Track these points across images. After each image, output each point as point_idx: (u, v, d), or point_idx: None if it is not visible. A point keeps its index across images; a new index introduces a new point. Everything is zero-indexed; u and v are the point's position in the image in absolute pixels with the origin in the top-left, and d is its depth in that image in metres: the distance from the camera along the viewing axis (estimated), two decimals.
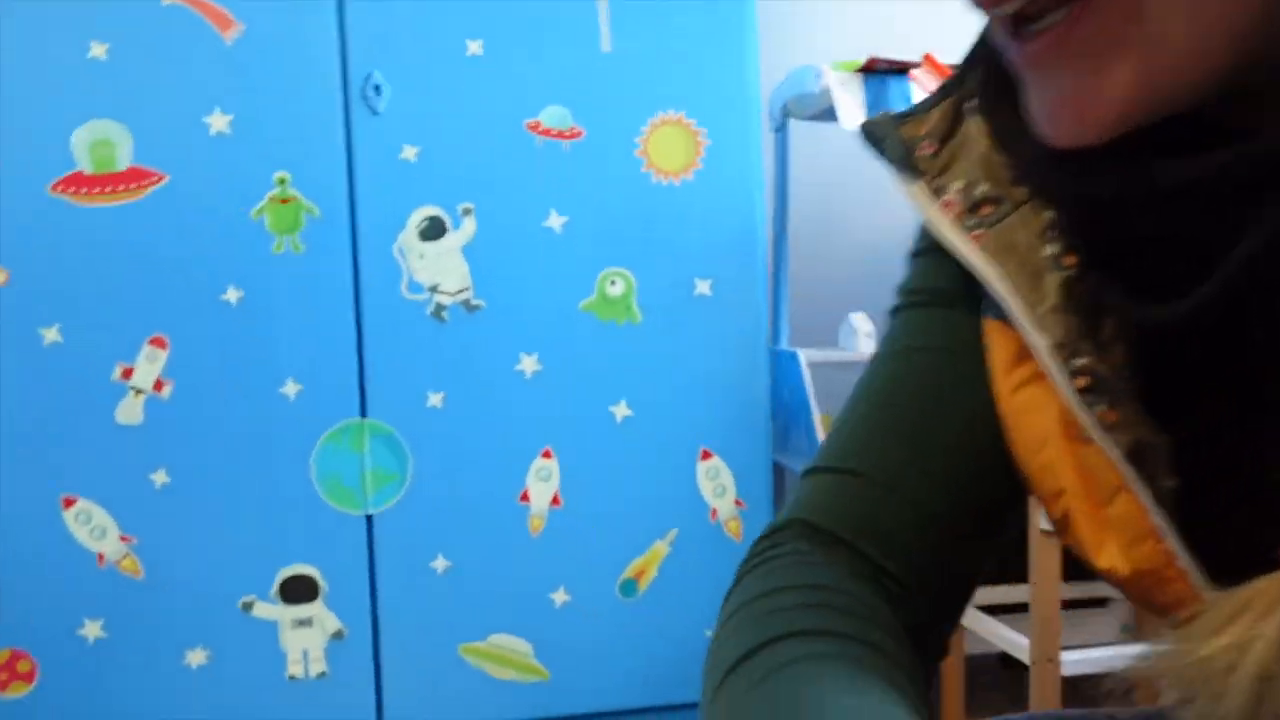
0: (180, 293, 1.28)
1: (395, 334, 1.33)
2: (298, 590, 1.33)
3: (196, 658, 1.31)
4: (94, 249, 1.26)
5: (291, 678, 1.33)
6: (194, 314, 1.29)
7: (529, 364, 1.36)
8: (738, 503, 1.42)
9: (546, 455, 1.37)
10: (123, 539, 1.29)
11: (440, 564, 1.36)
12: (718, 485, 1.42)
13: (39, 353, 1.26)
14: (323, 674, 1.34)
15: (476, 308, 1.35)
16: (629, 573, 1.40)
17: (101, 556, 1.29)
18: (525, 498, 1.37)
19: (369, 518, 1.35)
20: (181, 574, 1.31)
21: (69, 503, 1.28)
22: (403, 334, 1.34)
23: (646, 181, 1.38)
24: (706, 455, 1.41)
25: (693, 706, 1.43)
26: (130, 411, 1.28)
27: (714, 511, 1.42)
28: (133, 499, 1.29)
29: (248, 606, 1.32)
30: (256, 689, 1.33)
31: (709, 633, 0.39)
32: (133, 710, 1.31)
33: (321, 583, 1.34)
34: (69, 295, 1.26)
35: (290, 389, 1.31)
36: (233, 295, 1.29)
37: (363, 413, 1.34)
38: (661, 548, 1.41)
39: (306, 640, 1.34)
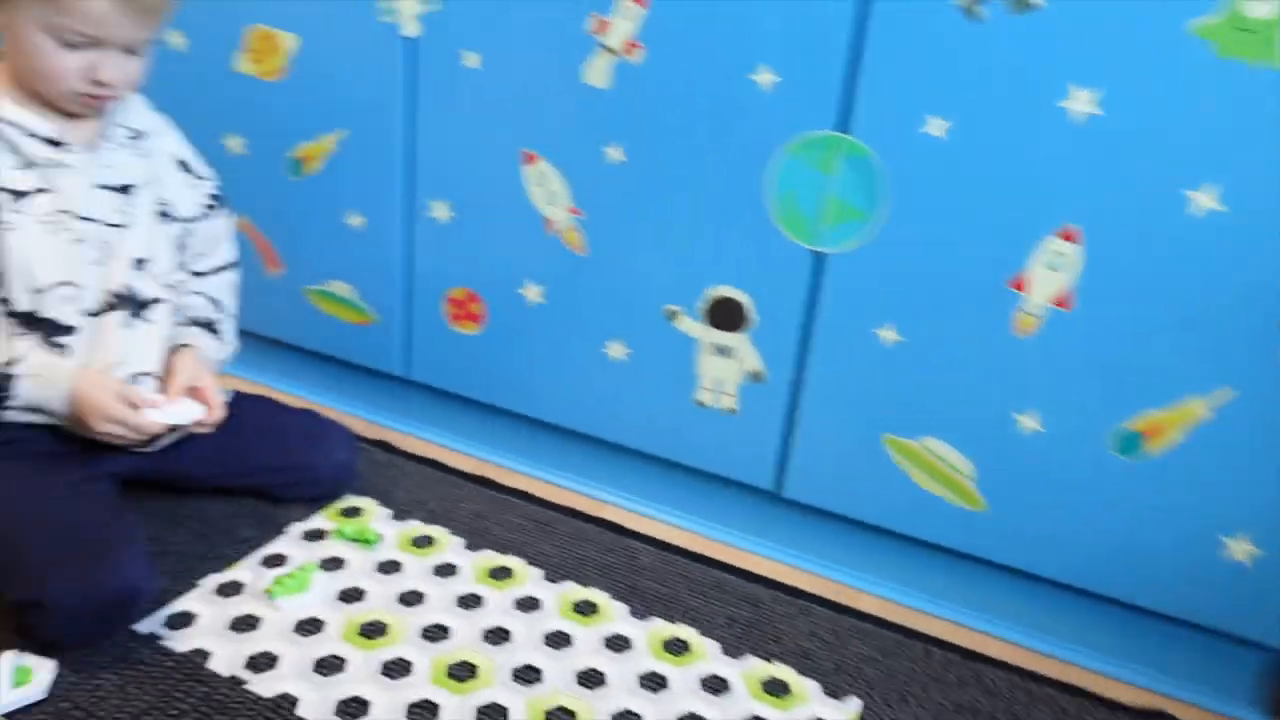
0: None
1: (907, 32, 0.99)
2: (725, 314, 1.17)
3: (615, 350, 1.25)
4: None
5: (699, 403, 1.22)
6: None
7: (1082, 102, 0.94)
8: None
9: (1067, 238, 0.98)
10: (571, 210, 1.22)
11: (888, 334, 1.09)
12: None
13: (463, 75, 1.15)
14: (730, 410, 1.20)
15: (1031, 5, 0.94)
16: (1137, 424, 1.00)
17: (550, 222, 1.24)
18: (1020, 285, 1.01)
19: (819, 255, 1.11)
20: (618, 262, 1.21)
21: (530, 159, 1.22)
22: (916, 34, 0.99)
23: None
24: None
25: (1194, 627, 1.08)
26: (598, 72, 1.15)
27: None
28: (587, 170, 1.19)
29: (671, 316, 1.20)
30: (662, 400, 1.24)
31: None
32: (553, 380, 1.31)
33: (752, 314, 1.16)
34: None
35: (764, 78, 1.07)
36: None
37: (842, 126, 1.05)
38: (1198, 407, 0.97)
39: (722, 370, 1.19)
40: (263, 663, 0.94)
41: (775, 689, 0.99)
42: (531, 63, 1.18)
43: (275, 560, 1.09)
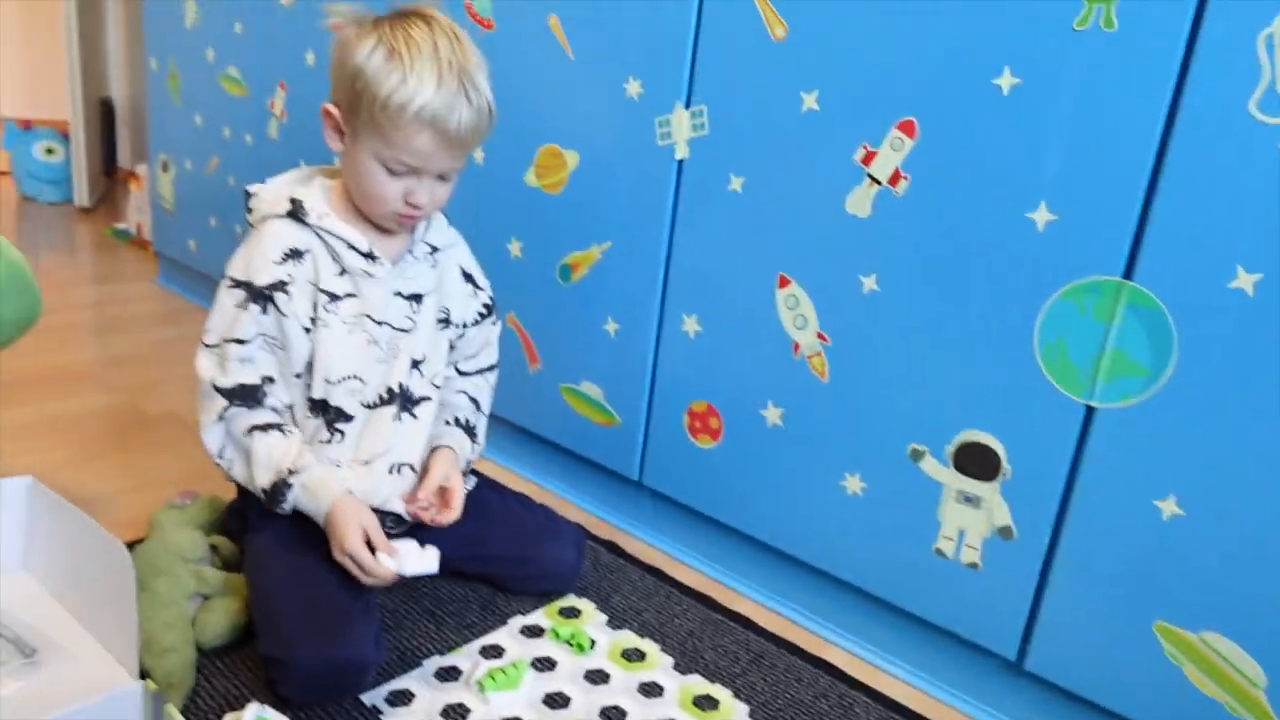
0: (943, 72, 1.04)
1: (1213, 170, 0.89)
2: (975, 460, 1.09)
3: (853, 484, 1.19)
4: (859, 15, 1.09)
5: (938, 552, 1.13)
6: (954, 100, 1.04)
7: None
8: None
9: None
10: (820, 335, 1.20)
11: (1167, 506, 0.96)
12: None
13: (795, 118, 1.17)
14: (973, 565, 1.10)
15: None
16: None
17: (797, 346, 1.22)
18: None
19: (1090, 410, 1.00)
20: (863, 393, 1.17)
21: (783, 282, 1.22)
22: (1224, 173, 0.89)
23: None
24: None
25: None
26: (860, 201, 1.13)
27: None
28: (840, 298, 1.17)
29: (917, 455, 1.13)
30: (898, 543, 1.16)
31: None
32: (786, 505, 1.27)
33: (1005, 464, 1.07)
34: (835, 58, 1.13)
35: (1041, 215, 1.00)
36: (1006, 81, 1.00)
37: (1128, 272, 0.96)
38: None
39: (967, 520, 1.10)
40: None
41: None
42: (794, 189, 1.19)
43: (493, 651, 1.13)
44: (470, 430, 1.22)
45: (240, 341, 1.05)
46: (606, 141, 1.38)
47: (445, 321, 1.18)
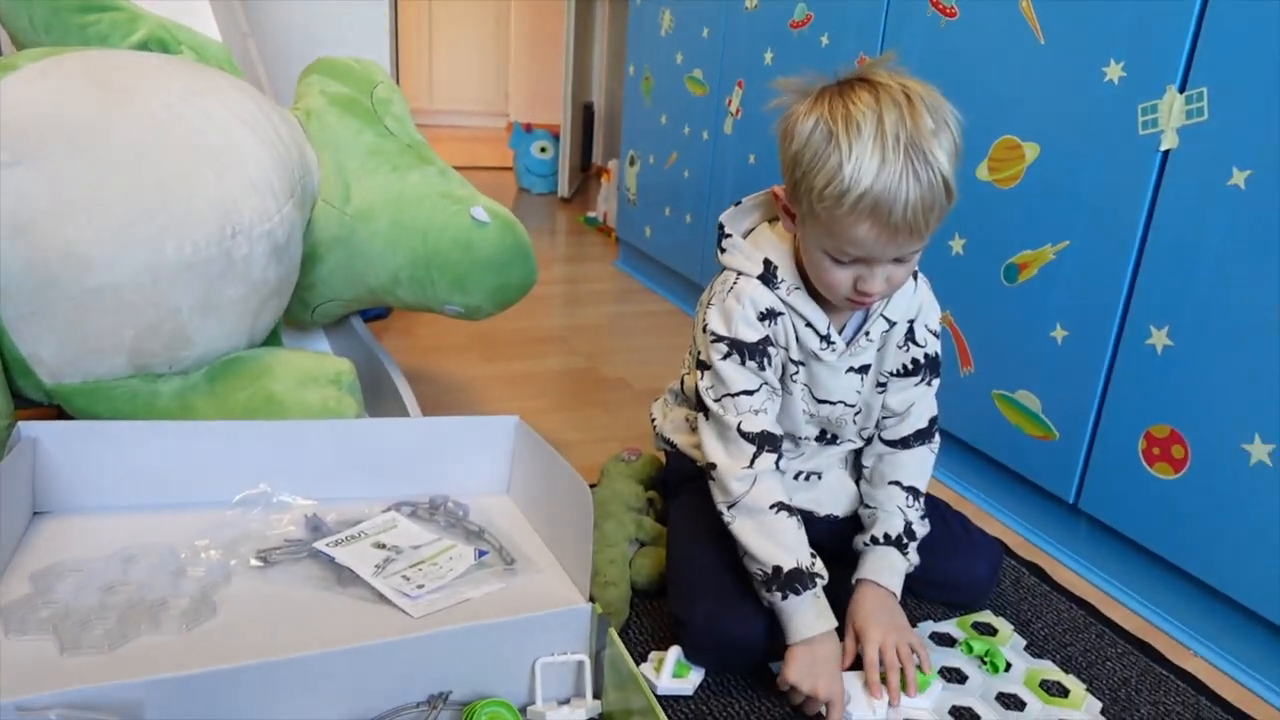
0: None
1: None
2: None
3: None
4: None
5: None
6: None
7: None
8: None
9: None
10: None
11: None
12: None
13: (1225, 195, 0.98)
14: None
15: None
16: None
17: None
18: None
19: None
20: None
21: None
22: None
23: None
24: None
25: None
26: None
27: None
28: None
29: None
30: None
31: None
32: (1266, 559, 1.07)
33: None
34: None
35: None
36: None
37: None
38: None
39: None
40: None
41: None
42: None
43: None
44: (903, 546, 1.10)
45: (749, 393, 1.02)
46: (1074, 131, 1.27)
47: (879, 385, 1.12)
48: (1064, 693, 1.05)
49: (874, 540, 1.09)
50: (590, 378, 1.94)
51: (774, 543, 0.98)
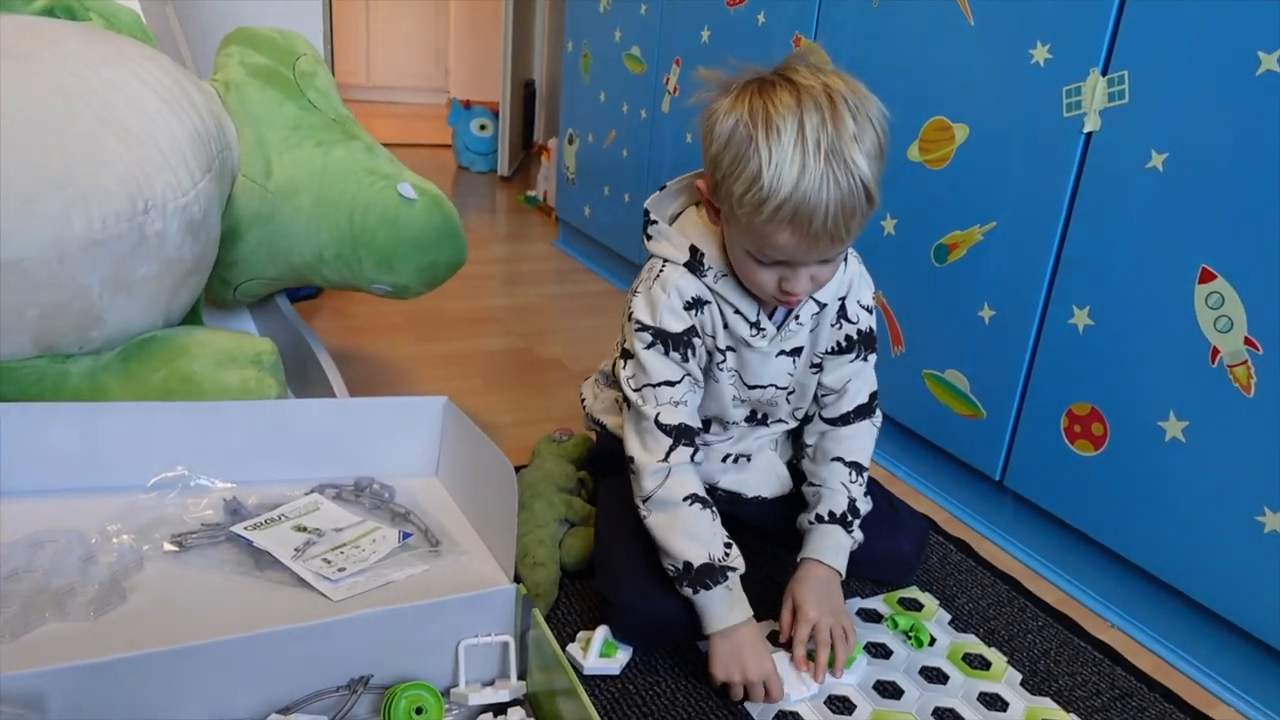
0: None
1: None
2: None
3: (1273, 522, 1.01)
4: None
5: None
6: None
7: None
8: None
9: None
10: (1249, 342, 1.02)
11: None
12: None
13: (1246, 82, 1.00)
14: None
15: None
16: None
17: (1216, 352, 1.05)
18: None
19: None
20: None
21: (1207, 276, 1.05)
22: None
23: None
24: None
25: None
26: None
27: None
28: (1274, 296, 0.99)
29: None
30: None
31: None
32: (1180, 534, 1.11)
33: None
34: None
35: None
36: None
37: None
38: None
39: None
40: (788, 715, 0.96)
41: None
42: (1232, 168, 1.02)
43: None
44: (846, 524, 1.09)
45: (670, 384, 1.01)
46: (1002, 113, 1.28)
47: (814, 365, 1.11)
48: (986, 665, 1.07)
49: (819, 519, 1.08)
50: (526, 358, 1.92)
51: (686, 537, 0.97)
